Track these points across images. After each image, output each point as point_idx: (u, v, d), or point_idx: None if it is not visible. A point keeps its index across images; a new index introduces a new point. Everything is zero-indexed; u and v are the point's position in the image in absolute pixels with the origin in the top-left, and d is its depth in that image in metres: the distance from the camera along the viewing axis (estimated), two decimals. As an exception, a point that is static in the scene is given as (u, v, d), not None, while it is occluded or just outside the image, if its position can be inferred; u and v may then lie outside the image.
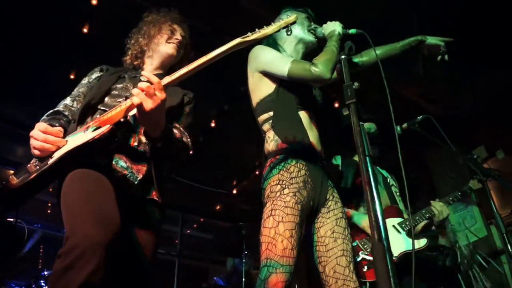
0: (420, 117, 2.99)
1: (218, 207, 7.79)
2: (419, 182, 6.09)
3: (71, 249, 1.36)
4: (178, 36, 2.38)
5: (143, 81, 1.67)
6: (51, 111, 2.03)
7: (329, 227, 2.15)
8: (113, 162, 1.79)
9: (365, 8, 4.26)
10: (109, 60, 2.42)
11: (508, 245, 2.63)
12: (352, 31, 2.27)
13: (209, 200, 7.66)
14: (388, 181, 3.40)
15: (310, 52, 2.57)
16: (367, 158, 1.35)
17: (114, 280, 1.66)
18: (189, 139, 2.05)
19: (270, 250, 1.95)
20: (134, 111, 1.70)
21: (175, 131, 1.97)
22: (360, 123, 1.48)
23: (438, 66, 4.55)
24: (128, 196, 1.78)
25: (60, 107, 2.07)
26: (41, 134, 1.72)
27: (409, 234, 2.98)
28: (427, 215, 3.09)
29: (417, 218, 3.08)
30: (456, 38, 4.23)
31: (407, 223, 3.04)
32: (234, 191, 7.52)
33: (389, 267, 1.01)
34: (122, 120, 1.72)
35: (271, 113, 2.33)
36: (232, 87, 4.86)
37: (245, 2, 3.61)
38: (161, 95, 1.65)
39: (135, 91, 1.61)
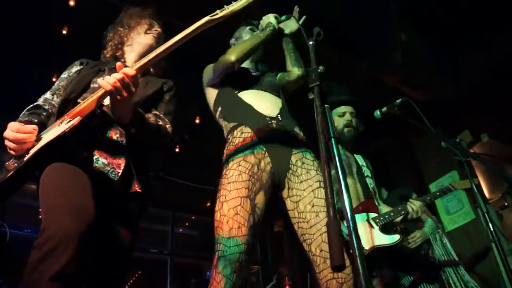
0: (399, 100, 3.00)
1: (208, 203, 7.79)
2: (405, 168, 6.12)
3: (46, 240, 1.39)
4: (157, 27, 2.42)
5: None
6: (31, 105, 2.06)
7: (308, 200, 2.09)
8: (94, 160, 1.78)
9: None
10: (91, 59, 2.39)
11: (490, 224, 2.64)
12: (283, 17, 2.56)
13: (199, 197, 7.62)
14: (363, 171, 3.37)
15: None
16: (332, 140, 1.34)
17: (91, 272, 1.67)
18: (167, 124, 2.07)
19: (218, 233, 1.98)
20: (106, 100, 1.74)
21: (150, 115, 2.00)
22: (326, 106, 1.47)
23: (418, 52, 4.61)
24: (108, 192, 1.79)
25: (40, 101, 2.10)
26: (12, 134, 1.74)
27: (382, 229, 3.00)
28: (402, 212, 3.14)
29: (392, 214, 3.11)
30: (437, 23, 4.26)
31: (381, 218, 3.06)
32: (224, 187, 7.46)
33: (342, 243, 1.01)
34: (97, 110, 1.75)
35: (220, 109, 2.50)
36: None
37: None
38: (134, 82, 1.70)
39: (110, 79, 1.64)
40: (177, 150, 6.52)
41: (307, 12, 2.49)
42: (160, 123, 2.01)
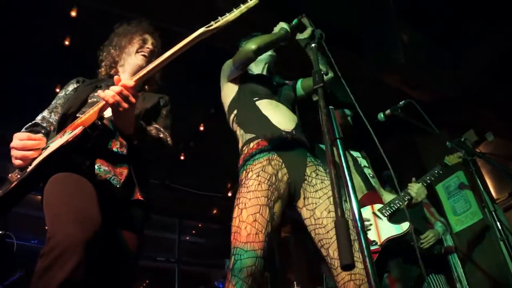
0: (402, 102, 3.00)
1: (215, 211, 7.79)
2: (410, 170, 6.09)
3: (52, 248, 1.40)
4: (149, 45, 2.41)
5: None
6: (29, 124, 2.07)
7: (324, 207, 2.12)
8: (95, 168, 1.81)
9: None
10: (93, 71, 2.46)
11: (498, 222, 2.63)
12: (294, 21, 2.54)
13: (205, 204, 7.63)
14: (360, 162, 3.36)
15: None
16: (338, 141, 1.34)
17: (98, 280, 1.67)
18: (168, 138, 2.11)
19: (236, 239, 1.97)
20: (106, 113, 1.78)
21: (151, 128, 2.04)
22: (331, 107, 1.47)
23: (419, 51, 4.60)
24: (112, 199, 1.81)
25: (38, 119, 2.11)
26: (20, 142, 1.77)
27: (390, 219, 2.98)
28: (406, 197, 3.11)
29: (396, 202, 3.07)
30: (437, 21, 4.25)
31: (387, 208, 3.04)
32: (229, 194, 7.50)
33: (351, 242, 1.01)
34: (98, 122, 1.77)
35: (235, 112, 2.51)
36: (218, 90, 4.87)
37: (221, 3, 3.63)
38: (134, 93, 1.72)
39: (110, 92, 1.67)
40: (182, 158, 6.53)
41: (309, 13, 2.50)
42: (161, 135, 2.06)
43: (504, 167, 2.97)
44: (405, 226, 2.91)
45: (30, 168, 1.71)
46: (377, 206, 3.07)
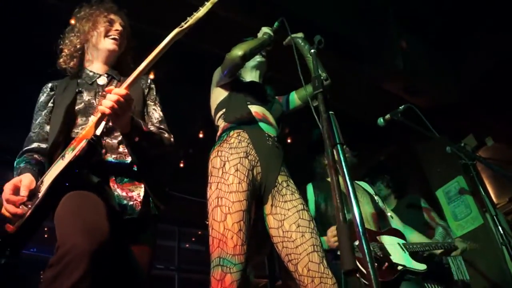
0: (402, 107, 3.00)
1: (214, 218, 7.70)
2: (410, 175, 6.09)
3: (61, 258, 1.39)
4: (117, 26, 2.23)
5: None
6: (21, 152, 1.92)
7: (293, 220, 2.09)
8: (110, 192, 1.78)
9: (341, 3, 4.29)
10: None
11: (499, 227, 2.62)
12: (275, 25, 2.60)
13: (205, 211, 7.48)
14: (377, 200, 3.24)
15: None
16: (338, 146, 1.34)
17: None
18: (167, 134, 2.05)
19: (222, 248, 1.93)
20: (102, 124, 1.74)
21: (151, 127, 2.01)
22: (331, 112, 1.47)
23: (419, 57, 4.61)
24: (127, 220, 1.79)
25: (32, 145, 1.95)
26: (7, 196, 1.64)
27: (412, 255, 2.92)
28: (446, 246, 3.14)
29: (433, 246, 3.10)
30: (435, 27, 4.26)
31: (412, 246, 2.99)
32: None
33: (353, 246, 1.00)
34: (97, 134, 1.73)
35: (223, 110, 2.49)
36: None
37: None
38: (128, 98, 1.70)
39: (107, 103, 1.64)
40: (181, 165, 6.51)
41: (309, 21, 2.51)
42: (164, 134, 2.02)
43: (505, 171, 2.95)
44: (422, 266, 2.86)
45: (40, 194, 1.66)
46: (401, 240, 3.02)
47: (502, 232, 2.57)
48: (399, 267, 2.77)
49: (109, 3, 2.30)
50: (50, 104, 2.07)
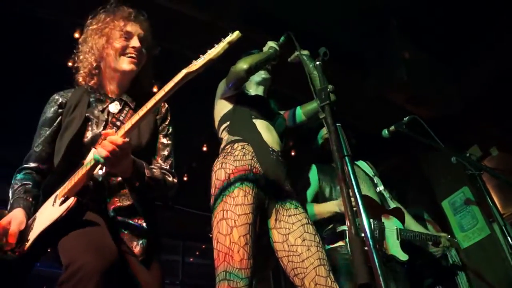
0: (407, 118, 3.01)
1: (219, 231, 7.67)
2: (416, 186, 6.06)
3: (72, 275, 1.39)
4: (135, 42, 2.01)
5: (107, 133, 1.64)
6: (19, 184, 1.85)
7: (298, 234, 2.09)
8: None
9: (344, 15, 4.31)
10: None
11: (508, 237, 2.60)
12: (281, 39, 2.60)
13: (209, 225, 7.45)
14: (376, 181, 3.39)
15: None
16: (347, 158, 1.33)
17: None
18: (171, 177, 1.97)
19: (228, 262, 1.91)
20: (97, 169, 1.70)
21: (155, 168, 1.91)
22: (338, 124, 1.46)
23: (422, 68, 4.61)
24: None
25: (33, 164, 1.91)
26: None
27: (402, 243, 3.05)
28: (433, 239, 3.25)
29: (423, 237, 3.19)
30: (438, 37, 4.25)
31: (406, 234, 3.10)
32: (234, 215, 7.39)
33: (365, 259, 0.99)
34: (90, 184, 1.75)
35: (228, 123, 2.50)
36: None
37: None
38: (124, 147, 1.62)
39: (102, 152, 1.58)
40: (185, 178, 6.50)
41: (312, 33, 2.51)
42: (167, 177, 1.95)
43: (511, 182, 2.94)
44: (403, 257, 2.99)
45: (28, 244, 1.64)
46: (400, 224, 3.14)
47: (510, 242, 2.55)
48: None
49: (126, 9, 2.09)
50: (56, 122, 1.98)
